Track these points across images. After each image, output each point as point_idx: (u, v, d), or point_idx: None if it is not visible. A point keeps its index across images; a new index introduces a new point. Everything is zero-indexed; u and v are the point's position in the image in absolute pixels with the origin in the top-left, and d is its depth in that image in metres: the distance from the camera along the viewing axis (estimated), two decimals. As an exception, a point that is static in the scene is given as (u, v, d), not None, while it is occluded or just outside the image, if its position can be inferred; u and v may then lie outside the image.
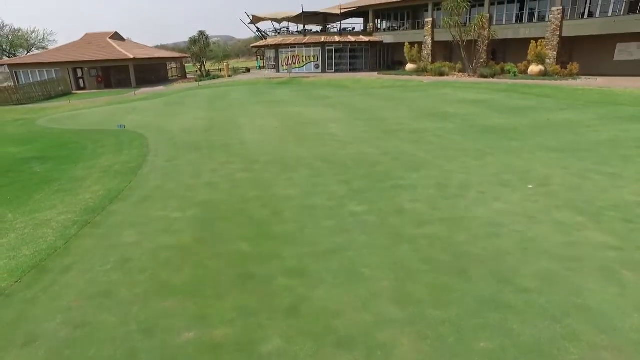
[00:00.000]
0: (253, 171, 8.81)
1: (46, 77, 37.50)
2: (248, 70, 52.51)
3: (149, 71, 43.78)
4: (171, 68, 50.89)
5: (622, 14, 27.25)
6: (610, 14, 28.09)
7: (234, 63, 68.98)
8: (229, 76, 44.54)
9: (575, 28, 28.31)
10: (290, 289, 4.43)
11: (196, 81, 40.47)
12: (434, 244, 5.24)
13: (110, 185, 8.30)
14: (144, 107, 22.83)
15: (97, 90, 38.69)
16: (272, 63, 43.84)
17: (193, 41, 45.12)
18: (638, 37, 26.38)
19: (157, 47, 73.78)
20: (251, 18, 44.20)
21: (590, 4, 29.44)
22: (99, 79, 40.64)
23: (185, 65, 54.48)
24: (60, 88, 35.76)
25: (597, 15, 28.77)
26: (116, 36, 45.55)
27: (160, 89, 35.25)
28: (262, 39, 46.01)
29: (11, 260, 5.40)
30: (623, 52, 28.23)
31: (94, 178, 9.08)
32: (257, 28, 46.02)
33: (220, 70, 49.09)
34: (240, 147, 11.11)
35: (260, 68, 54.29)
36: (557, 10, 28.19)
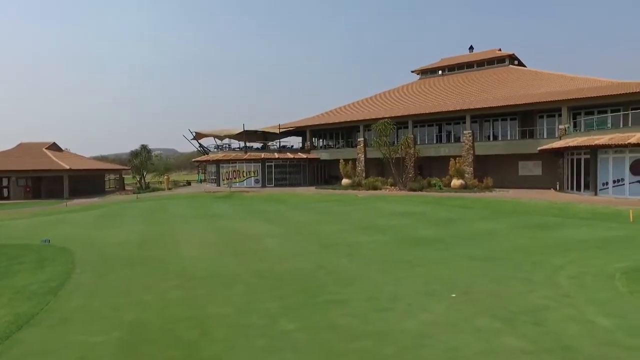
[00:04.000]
0: (187, 288, 8.59)
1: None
2: (189, 183, 52.98)
3: (85, 182, 42.77)
4: (109, 179, 50.07)
5: (517, 138, 32.27)
6: (509, 137, 33.16)
7: (175, 176, 69.43)
8: (169, 189, 44.53)
9: (485, 148, 32.72)
10: (216, 418, 4.20)
11: (134, 193, 39.89)
12: (364, 359, 5.32)
13: (22, 309, 7.57)
14: (74, 219, 21.85)
15: (24, 200, 36.72)
16: (213, 177, 44.83)
17: (135, 154, 45.53)
18: (533, 156, 31.03)
19: (97, 157, 73.13)
20: (194, 134, 46.07)
21: (493, 129, 34.68)
22: (27, 189, 38.86)
23: (125, 176, 53.93)
24: (-24, 198, 33.50)
25: (500, 139, 33.75)
26: (53, 146, 45.05)
27: (95, 200, 34.18)
28: (205, 154, 47.53)
29: None
30: (524, 169, 32.76)
31: (2, 301, 8.26)
32: (200, 144, 47.79)
33: (160, 182, 49.06)
34: (176, 263, 10.87)
35: (201, 181, 55.02)
36: (468, 133, 32.69)
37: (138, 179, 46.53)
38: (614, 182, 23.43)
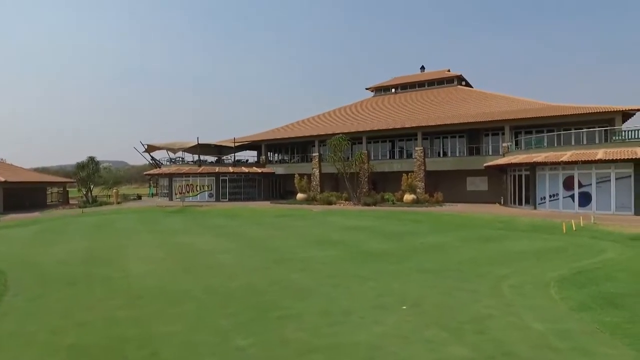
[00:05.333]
0: (135, 307, 8.25)
1: None
2: (139, 197, 50.89)
3: (23, 195, 39.91)
4: (51, 192, 47.00)
5: (465, 155, 33.94)
6: (458, 154, 34.79)
7: (125, 189, 66.51)
8: (118, 203, 42.56)
9: (435, 164, 34.08)
10: None
11: (80, 207, 37.75)
12: (316, 373, 5.35)
13: (-54, 337, 6.93)
14: (9, 236, 20.34)
15: (-53, 217, 33.57)
16: (166, 191, 43.39)
17: (81, 166, 43.00)
18: (480, 172, 32.72)
19: (38, 169, 68.60)
20: (146, 147, 44.49)
21: (443, 146, 36.24)
22: (-48, 204, 35.61)
23: (69, 189, 50.84)
24: None
25: (449, 155, 35.31)
26: (-15, 159, 41.84)
27: (35, 215, 31.97)
28: (157, 167, 45.97)
29: None
30: (472, 184, 34.44)
31: None
32: (152, 157, 46.20)
33: (109, 196, 46.71)
34: (124, 281, 10.40)
35: (152, 195, 53.07)
36: (420, 149, 33.95)
37: (84, 192, 44.02)
38: (550, 196, 25.16)
